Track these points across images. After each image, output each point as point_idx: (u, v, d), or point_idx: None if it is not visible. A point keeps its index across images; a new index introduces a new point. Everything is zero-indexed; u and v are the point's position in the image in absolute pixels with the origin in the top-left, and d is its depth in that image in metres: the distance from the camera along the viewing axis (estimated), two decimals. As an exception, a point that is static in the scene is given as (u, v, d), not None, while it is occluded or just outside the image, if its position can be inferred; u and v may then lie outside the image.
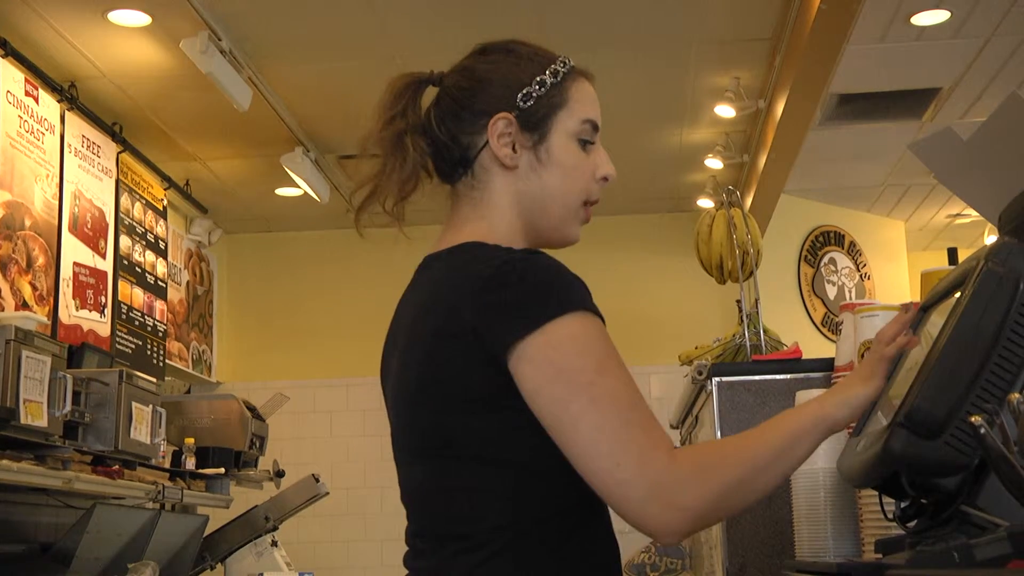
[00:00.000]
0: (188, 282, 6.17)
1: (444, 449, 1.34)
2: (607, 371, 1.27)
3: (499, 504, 1.31)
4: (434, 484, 1.36)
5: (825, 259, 6.57)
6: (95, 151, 4.90)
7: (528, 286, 1.29)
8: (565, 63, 1.48)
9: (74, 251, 4.66)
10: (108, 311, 4.93)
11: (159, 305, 5.55)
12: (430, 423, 1.35)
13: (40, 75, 4.48)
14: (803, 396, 1.82)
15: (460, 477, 1.33)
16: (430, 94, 1.51)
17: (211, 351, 6.50)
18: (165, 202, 5.72)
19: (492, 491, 1.31)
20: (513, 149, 1.44)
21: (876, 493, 1.47)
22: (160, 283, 5.59)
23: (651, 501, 1.23)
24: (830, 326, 6.34)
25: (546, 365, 1.26)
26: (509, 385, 1.29)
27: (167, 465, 4.34)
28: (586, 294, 1.31)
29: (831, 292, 6.53)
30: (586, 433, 1.25)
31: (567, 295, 1.29)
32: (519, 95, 1.44)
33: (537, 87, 1.45)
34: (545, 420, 1.28)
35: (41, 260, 4.39)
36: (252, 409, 4.86)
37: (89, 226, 4.81)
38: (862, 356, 1.80)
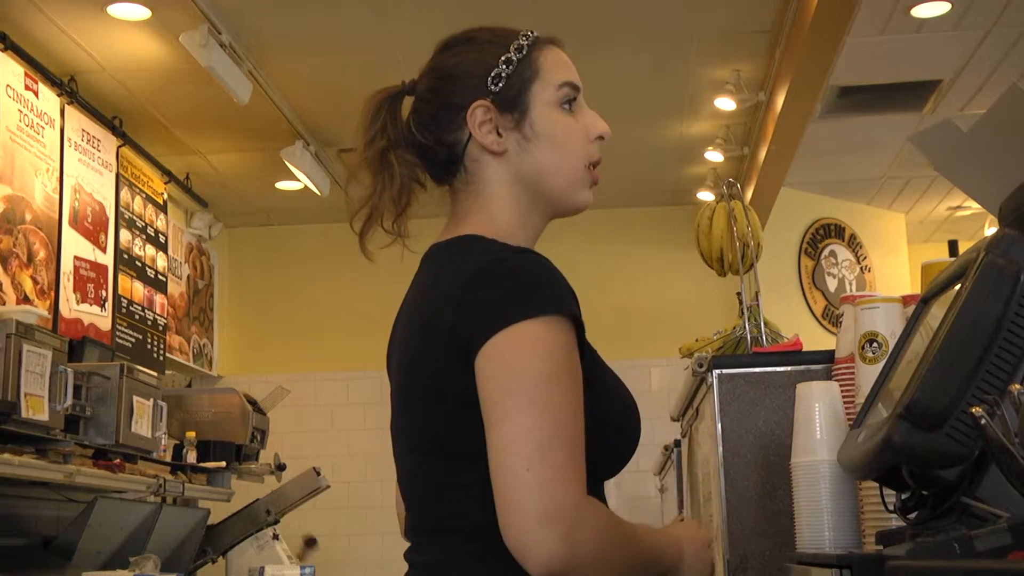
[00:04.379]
0: (188, 276, 6.17)
1: (432, 445, 1.33)
2: (558, 382, 1.24)
3: (488, 500, 1.28)
4: (426, 479, 1.35)
5: (825, 251, 6.56)
6: (95, 145, 4.90)
7: (509, 286, 1.27)
8: (528, 36, 1.46)
9: (74, 245, 4.66)
10: (109, 305, 4.93)
11: (159, 299, 5.55)
12: (418, 418, 1.35)
13: (40, 69, 4.47)
14: (803, 388, 1.82)
15: (449, 473, 1.32)
16: (407, 105, 1.49)
17: (212, 345, 6.50)
18: (165, 196, 5.72)
19: (481, 487, 1.27)
20: (498, 133, 1.42)
21: (877, 484, 1.47)
22: (160, 277, 5.59)
23: (543, 523, 1.19)
24: (830, 318, 6.34)
25: (500, 361, 1.24)
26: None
27: (168, 459, 4.34)
28: (568, 299, 1.29)
29: (831, 284, 6.53)
30: (511, 430, 1.22)
31: (545, 298, 1.27)
32: (489, 79, 1.42)
33: (505, 66, 1.43)
34: (483, 408, 1.26)
35: (42, 254, 4.39)
36: (253, 403, 4.87)
37: (89, 220, 4.81)
38: (862, 348, 1.80)
